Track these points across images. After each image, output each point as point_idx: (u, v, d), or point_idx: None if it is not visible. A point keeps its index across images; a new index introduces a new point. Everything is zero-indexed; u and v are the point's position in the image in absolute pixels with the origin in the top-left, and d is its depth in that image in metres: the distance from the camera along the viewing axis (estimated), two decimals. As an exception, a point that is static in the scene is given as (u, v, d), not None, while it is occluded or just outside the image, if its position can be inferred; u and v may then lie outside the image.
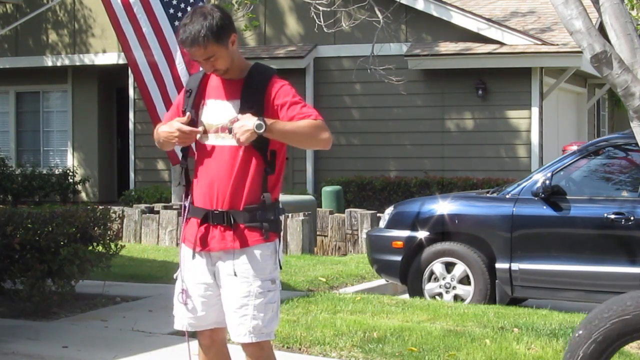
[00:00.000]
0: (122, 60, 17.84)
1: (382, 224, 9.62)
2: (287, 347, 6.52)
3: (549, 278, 8.54)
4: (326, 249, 13.46)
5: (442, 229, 9.03)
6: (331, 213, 13.70)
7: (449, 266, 8.95)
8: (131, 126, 19.13)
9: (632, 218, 8.20)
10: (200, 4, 7.87)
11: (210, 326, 4.29)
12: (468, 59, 16.99)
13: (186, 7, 8.04)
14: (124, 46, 8.16)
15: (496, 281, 8.73)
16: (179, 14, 8.03)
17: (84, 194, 20.15)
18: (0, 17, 20.33)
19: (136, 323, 7.16)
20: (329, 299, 8.33)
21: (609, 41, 5.96)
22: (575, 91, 20.07)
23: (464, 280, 8.89)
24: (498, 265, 8.70)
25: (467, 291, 8.85)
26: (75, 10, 19.81)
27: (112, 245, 7.97)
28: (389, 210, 9.54)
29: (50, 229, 7.47)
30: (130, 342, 6.63)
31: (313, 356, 6.39)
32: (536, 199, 8.59)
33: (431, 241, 9.02)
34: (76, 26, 19.82)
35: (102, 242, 7.89)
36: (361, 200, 16.82)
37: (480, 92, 17.04)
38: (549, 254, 8.55)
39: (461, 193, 11.94)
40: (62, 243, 7.47)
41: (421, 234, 9.06)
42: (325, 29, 15.21)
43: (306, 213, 12.86)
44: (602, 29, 6.21)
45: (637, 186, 8.54)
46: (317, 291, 9.20)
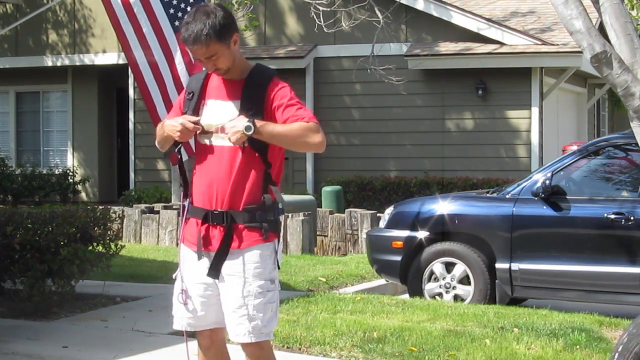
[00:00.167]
0: (122, 60, 17.83)
1: (382, 224, 9.62)
2: (287, 347, 6.51)
3: (549, 278, 8.54)
4: (326, 249, 13.46)
5: (442, 229, 9.03)
6: (331, 213, 13.70)
7: (449, 266, 8.95)
8: (131, 126, 19.12)
9: (632, 218, 8.20)
10: (202, 3, 7.87)
11: (209, 326, 4.29)
12: (468, 59, 16.98)
13: (186, 7, 8.04)
14: (124, 46, 8.15)
15: (496, 281, 8.72)
16: (179, 13, 8.03)
17: (84, 194, 20.14)
18: (0, 17, 20.32)
19: (136, 323, 7.16)
20: (329, 299, 8.33)
21: (609, 41, 5.96)
22: (575, 91, 20.06)
23: (464, 280, 8.89)
24: (498, 265, 8.69)
25: (467, 291, 8.85)
26: (75, 10, 19.81)
27: (112, 245, 7.97)
28: (389, 210, 9.53)
29: (50, 229, 7.47)
30: (130, 342, 6.63)
31: (313, 356, 6.39)
32: (536, 199, 8.59)
33: (431, 241, 9.02)
34: (76, 26, 19.82)
35: (102, 242, 7.89)
36: (361, 200, 16.81)
37: (480, 92, 17.03)
38: (549, 254, 8.55)
39: (461, 193, 11.94)
40: (62, 243, 7.47)
41: (421, 234, 9.06)
42: (325, 29, 15.21)
43: (306, 213, 12.86)
44: (602, 29, 6.21)
45: (637, 186, 8.54)
46: (317, 291, 9.20)
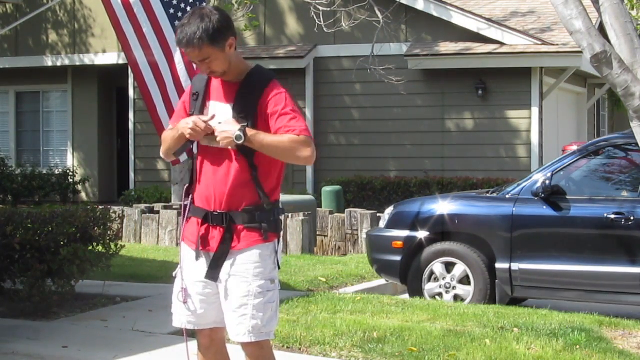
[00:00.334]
0: (122, 60, 17.83)
1: (382, 224, 9.61)
2: (287, 347, 6.52)
3: (549, 278, 8.54)
4: (326, 249, 13.45)
5: (442, 229, 9.03)
6: (331, 213, 13.70)
7: (449, 266, 8.95)
8: (131, 126, 19.12)
9: (632, 218, 8.20)
10: (202, 4, 7.87)
11: (209, 325, 4.29)
12: (468, 59, 16.98)
13: (186, 7, 8.03)
14: (124, 46, 8.15)
15: (496, 281, 8.72)
16: (179, 14, 8.03)
17: (84, 194, 20.14)
18: (0, 17, 20.32)
19: (136, 323, 7.16)
20: (329, 299, 8.33)
21: (609, 41, 5.96)
22: (575, 91, 20.06)
23: (464, 280, 8.89)
24: (498, 265, 8.69)
25: (467, 291, 8.85)
26: (75, 10, 19.81)
27: (112, 245, 7.97)
28: (389, 210, 9.53)
29: (50, 229, 7.47)
30: (130, 342, 6.63)
31: (313, 356, 6.39)
32: (536, 199, 8.59)
33: (431, 241, 9.02)
34: (76, 26, 19.81)
35: (102, 242, 7.89)
36: (361, 200, 16.81)
37: (480, 92, 17.03)
38: (549, 254, 8.55)
39: (461, 193, 11.94)
40: (62, 243, 7.47)
41: (421, 234, 9.05)
42: (325, 29, 15.20)
43: (306, 213, 12.86)
44: (602, 29, 6.22)
45: (637, 186, 8.54)
46: (317, 291, 9.20)
